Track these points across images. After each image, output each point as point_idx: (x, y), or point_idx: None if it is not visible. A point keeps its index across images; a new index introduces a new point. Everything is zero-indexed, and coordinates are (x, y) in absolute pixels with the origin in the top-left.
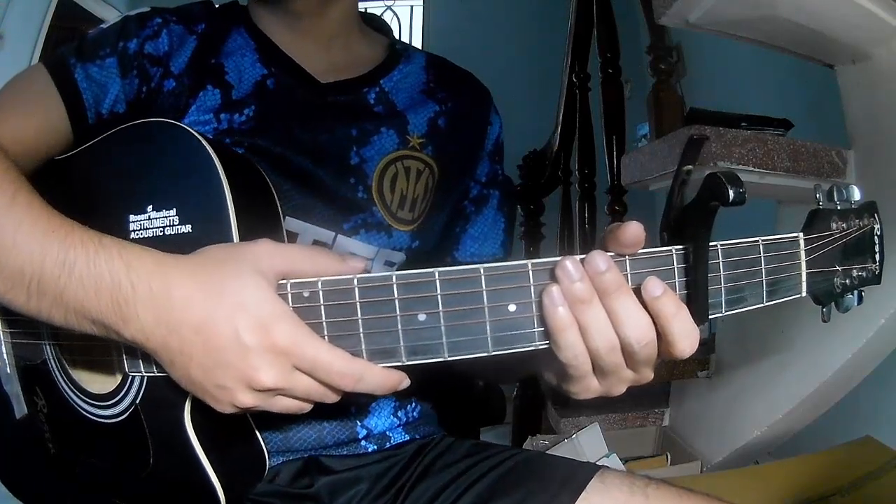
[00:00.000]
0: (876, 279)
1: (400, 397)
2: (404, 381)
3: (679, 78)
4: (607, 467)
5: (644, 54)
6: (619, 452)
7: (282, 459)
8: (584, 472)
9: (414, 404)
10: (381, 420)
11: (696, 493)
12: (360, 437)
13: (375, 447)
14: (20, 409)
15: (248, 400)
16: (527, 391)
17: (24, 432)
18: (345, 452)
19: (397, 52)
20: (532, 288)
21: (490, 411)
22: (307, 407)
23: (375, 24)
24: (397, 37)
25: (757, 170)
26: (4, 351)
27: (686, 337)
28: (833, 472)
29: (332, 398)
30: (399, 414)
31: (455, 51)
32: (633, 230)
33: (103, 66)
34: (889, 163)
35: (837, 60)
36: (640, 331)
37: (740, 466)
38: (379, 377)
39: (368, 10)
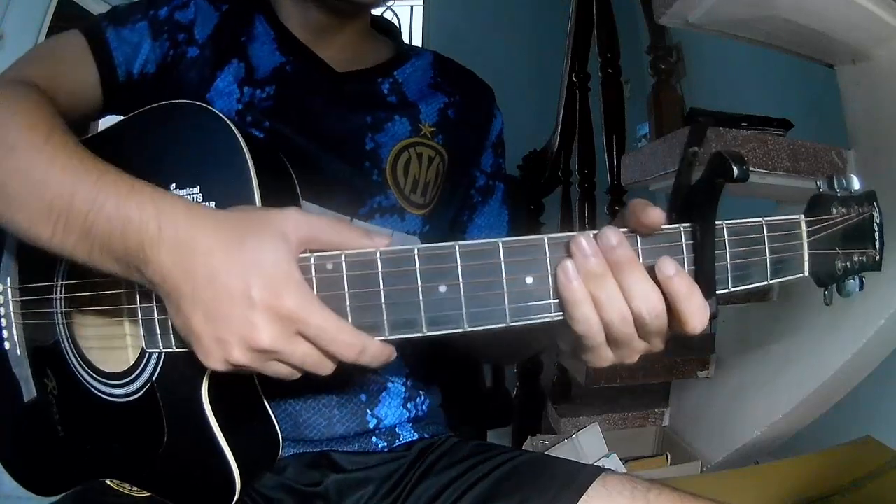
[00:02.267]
0: (876, 265)
1: (409, 390)
2: (393, 354)
3: (679, 78)
4: (610, 470)
5: (644, 54)
6: (619, 452)
7: (292, 451)
8: (585, 475)
9: (423, 397)
10: (390, 410)
11: (698, 498)
12: (371, 427)
13: (385, 444)
14: (29, 391)
15: (241, 358)
16: (527, 391)
17: (32, 415)
18: (356, 448)
19: (406, 49)
20: (548, 261)
21: (496, 411)
22: (296, 374)
23: (384, 28)
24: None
25: (757, 170)
26: (16, 333)
27: (698, 314)
28: (833, 472)
29: (326, 369)
30: (408, 405)
31: (455, 51)
32: (657, 214)
33: (134, 28)
34: (889, 163)
35: (837, 60)
36: (650, 303)
37: (740, 466)
38: (377, 349)
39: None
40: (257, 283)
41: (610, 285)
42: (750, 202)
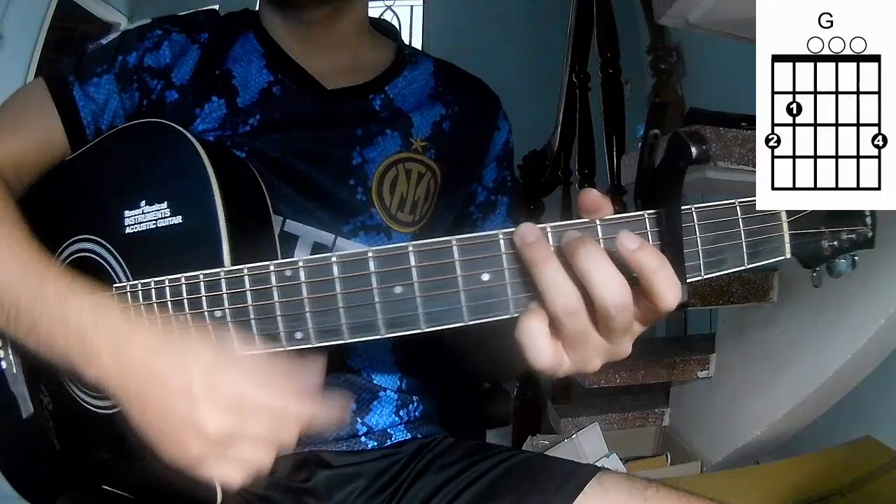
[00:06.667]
0: (869, 243)
1: (402, 396)
2: (344, 415)
3: (679, 78)
4: (606, 469)
5: (644, 54)
6: (619, 452)
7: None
8: (581, 474)
9: (416, 404)
10: (382, 418)
11: (696, 497)
12: (361, 433)
13: (376, 444)
14: (26, 408)
15: (200, 449)
16: (526, 391)
17: (30, 431)
18: (344, 448)
19: (405, 56)
20: (504, 257)
21: (494, 413)
22: (267, 458)
23: (384, 29)
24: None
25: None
26: (11, 351)
27: (672, 289)
28: (833, 472)
29: (287, 440)
30: (401, 413)
31: (455, 51)
32: (593, 194)
33: (100, 84)
34: None
35: None
36: (615, 290)
37: (740, 466)
38: (328, 414)
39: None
40: (196, 375)
41: (555, 269)
42: None
